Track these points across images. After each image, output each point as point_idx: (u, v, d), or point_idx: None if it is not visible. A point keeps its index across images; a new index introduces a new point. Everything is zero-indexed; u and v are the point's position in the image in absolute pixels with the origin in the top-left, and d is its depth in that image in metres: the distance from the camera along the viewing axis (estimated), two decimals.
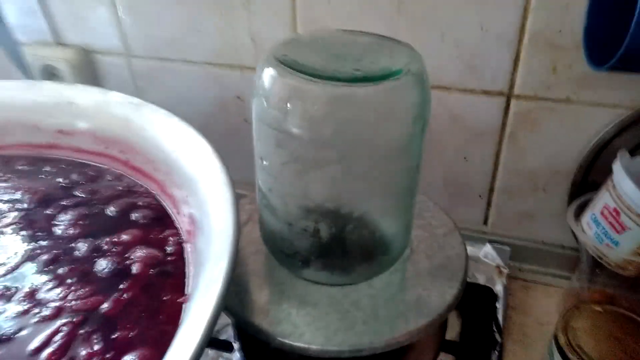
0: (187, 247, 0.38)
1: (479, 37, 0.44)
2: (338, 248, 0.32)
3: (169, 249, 0.38)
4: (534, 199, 0.50)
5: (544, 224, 0.51)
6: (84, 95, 0.47)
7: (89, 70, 0.59)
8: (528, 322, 0.49)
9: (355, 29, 0.33)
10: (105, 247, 0.38)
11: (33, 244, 0.39)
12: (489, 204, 0.52)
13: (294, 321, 0.32)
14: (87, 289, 0.35)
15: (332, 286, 0.34)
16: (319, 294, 0.33)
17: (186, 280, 0.36)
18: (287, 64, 0.28)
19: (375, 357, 0.32)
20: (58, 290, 0.35)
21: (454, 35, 0.44)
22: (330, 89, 0.27)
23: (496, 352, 0.44)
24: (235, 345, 0.42)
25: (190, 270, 0.36)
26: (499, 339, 0.45)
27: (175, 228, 0.40)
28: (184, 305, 0.34)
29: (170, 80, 0.56)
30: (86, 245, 0.39)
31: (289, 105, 0.28)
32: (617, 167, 0.40)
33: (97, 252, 0.38)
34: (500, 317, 0.47)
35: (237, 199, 0.34)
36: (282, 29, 0.49)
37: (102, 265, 0.37)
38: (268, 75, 0.29)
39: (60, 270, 0.36)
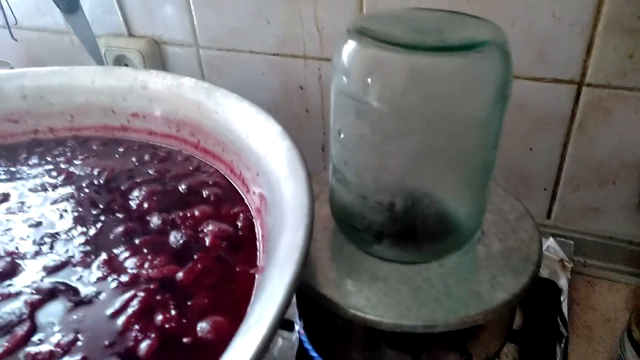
0: (257, 223, 0.39)
1: (551, 24, 0.43)
2: (412, 223, 0.32)
3: (239, 224, 0.39)
4: (601, 192, 0.49)
5: (611, 218, 0.50)
6: (157, 80, 0.49)
7: (158, 60, 0.61)
8: (593, 317, 0.47)
9: None
10: (178, 221, 0.40)
11: (110, 216, 0.40)
12: (553, 196, 0.51)
13: (366, 294, 0.32)
14: (161, 259, 0.36)
15: (401, 264, 0.34)
16: (389, 270, 0.34)
17: (257, 253, 0.37)
18: (369, 35, 0.29)
19: (447, 334, 0.31)
20: (134, 259, 0.36)
21: (525, 23, 0.44)
22: (415, 58, 0.27)
23: (561, 346, 0.43)
24: (297, 326, 0.43)
25: (260, 244, 0.37)
26: (564, 332, 0.44)
27: (245, 205, 0.41)
28: (257, 276, 0.34)
29: (235, 70, 0.58)
30: (160, 218, 0.40)
31: (371, 76, 0.28)
32: None
33: (170, 225, 0.40)
34: (565, 310, 0.46)
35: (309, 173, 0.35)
36: (348, 17, 0.49)
37: (176, 237, 0.38)
38: (350, 46, 0.29)
39: (135, 241, 0.38)
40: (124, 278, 0.35)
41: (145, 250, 0.37)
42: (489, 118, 0.29)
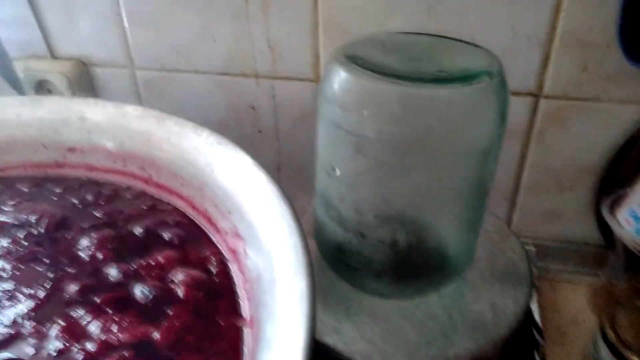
0: (233, 267, 0.36)
1: (510, 37, 0.43)
2: (413, 259, 0.31)
3: (212, 269, 0.36)
4: (559, 198, 0.50)
5: (569, 222, 0.51)
6: (97, 110, 0.44)
7: (87, 84, 0.55)
8: (561, 321, 0.48)
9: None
10: (141, 271, 0.36)
11: (60, 272, 0.35)
12: (513, 204, 0.52)
13: (369, 337, 0.30)
14: (130, 319, 0.32)
15: (399, 299, 0.32)
16: (388, 307, 0.32)
17: (240, 301, 0.34)
18: (361, 65, 0.27)
19: None
20: (98, 322, 0.32)
21: (484, 37, 0.44)
22: (414, 90, 0.26)
23: (539, 353, 0.44)
24: None
25: (242, 291, 0.34)
26: (540, 340, 0.45)
27: (215, 246, 0.38)
28: (245, 330, 0.31)
29: (179, 91, 0.54)
30: (119, 270, 0.35)
31: (369, 108, 0.26)
32: None
33: (132, 277, 0.35)
34: (537, 318, 0.47)
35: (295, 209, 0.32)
36: (302, 34, 0.47)
37: (142, 291, 0.34)
38: (343, 76, 0.27)
39: (95, 299, 0.33)
40: (90, 346, 0.30)
41: (109, 310, 0.32)
42: (490, 146, 0.29)
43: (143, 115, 0.43)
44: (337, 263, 0.33)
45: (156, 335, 0.31)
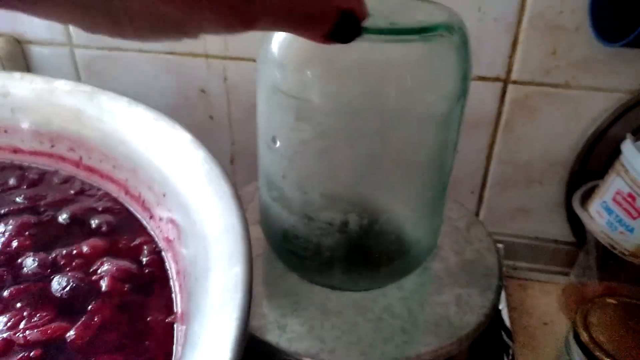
0: (168, 257, 0.31)
1: (477, 19, 0.41)
2: (367, 244, 0.27)
3: (144, 259, 0.32)
4: (528, 193, 0.47)
5: (538, 218, 0.49)
6: (23, 85, 0.39)
7: (21, 63, 0.50)
8: (531, 322, 0.45)
9: None
10: (62, 261, 0.31)
11: None
12: (480, 199, 0.49)
13: (318, 335, 0.26)
14: (44, 315, 0.28)
15: (354, 292, 0.29)
16: (341, 300, 0.28)
17: (173, 296, 0.29)
18: None
19: None
20: (3, 317, 0.27)
21: None
22: (363, 45, 0.22)
23: (509, 357, 0.41)
24: None
25: (175, 283, 0.30)
26: (509, 343, 0.42)
27: (149, 235, 0.33)
28: (176, 326, 0.27)
29: (121, 72, 0.49)
30: (36, 260, 0.31)
31: (311, 67, 0.23)
32: (630, 150, 0.38)
33: (51, 269, 0.31)
34: (506, 319, 0.44)
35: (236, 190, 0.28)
36: None
37: (60, 283, 0.29)
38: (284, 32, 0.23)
39: (4, 293, 0.29)
40: None
41: (18, 305, 0.28)
42: (449, 114, 0.25)
43: (73, 91, 0.38)
44: (284, 251, 0.29)
45: (71, 333, 0.26)
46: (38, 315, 0.28)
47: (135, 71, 0.49)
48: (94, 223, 0.34)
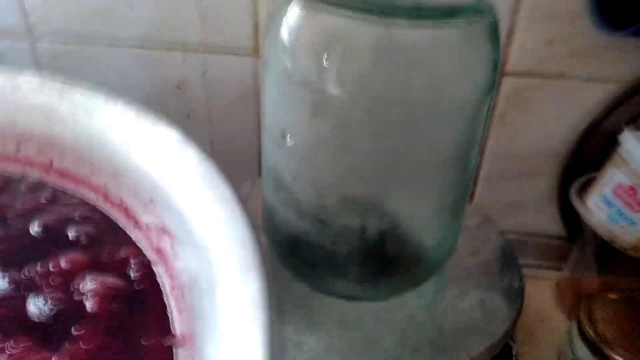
0: (159, 271, 0.28)
1: None
2: (385, 251, 0.25)
3: (132, 274, 0.28)
4: (521, 187, 0.46)
5: (530, 213, 0.48)
6: None
7: None
8: (529, 320, 0.45)
9: None
10: (37, 279, 0.27)
11: None
12: (471, 194, 0.48)
13: (339, 351, 0.24)
14: (20, 344, 0.24)
15: (371, 301, 0.26)
16: (359, 312, 0.26)
17: (169, 314, 0.26)
18: None
19: None
20: None
21: None
22: (387, 29, 0.20)
23: (513, 358, 0.40)
24: None
25: (171, 301, 0.27)
26: (510, 343, 0.40)
27: (135, 246, 0.30)
28: (176, 351, 0.24)
29: (90, 69, 0.45)
30: (7, 279, 0.27)
31: (329, 53, 0.20)
32: (631, 142, 0.37)
33: (24, 288, 0.27)
34: None
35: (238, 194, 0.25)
36: None
37: (38, 306, 0.26)
38: (294, 14, 0.21)
39: None
40: None
41: None
42: (478, 108, 0.23)
43: (41, 87, 0.34)
44: (292, 259, 0.26)
45: None
46: (13, 345, 0.24)
47: (105, 67, 0.45)
48: (71, 234, 0.30)
